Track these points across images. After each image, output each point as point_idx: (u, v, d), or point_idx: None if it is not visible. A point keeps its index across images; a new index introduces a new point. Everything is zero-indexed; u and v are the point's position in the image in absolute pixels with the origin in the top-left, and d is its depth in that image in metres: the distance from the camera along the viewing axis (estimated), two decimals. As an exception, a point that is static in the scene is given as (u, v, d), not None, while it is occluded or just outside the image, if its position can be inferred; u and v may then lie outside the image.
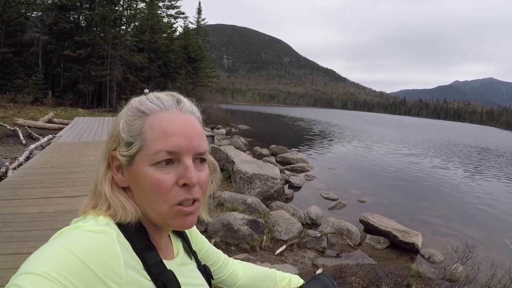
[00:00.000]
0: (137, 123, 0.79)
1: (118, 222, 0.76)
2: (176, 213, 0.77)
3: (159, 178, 0.75)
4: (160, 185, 0.75)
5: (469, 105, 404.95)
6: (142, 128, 0.78)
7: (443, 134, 55.76)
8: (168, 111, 0.79)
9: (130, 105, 0.83)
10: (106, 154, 0.83)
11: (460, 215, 10.09)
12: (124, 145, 0.79)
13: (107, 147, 0.83)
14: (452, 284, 5.01)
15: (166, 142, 0.75)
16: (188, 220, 0.80)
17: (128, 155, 0.78)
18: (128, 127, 0.79)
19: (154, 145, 0.76)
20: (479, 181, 15.66)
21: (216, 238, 6.00)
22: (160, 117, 0.78)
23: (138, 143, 0.77)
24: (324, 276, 1.12)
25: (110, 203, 0.78)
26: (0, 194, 5.49)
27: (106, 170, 0.82)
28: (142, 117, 0.79)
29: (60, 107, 28.30)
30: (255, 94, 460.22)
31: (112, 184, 0.81)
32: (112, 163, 0.82)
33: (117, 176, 0.81)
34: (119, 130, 0.80)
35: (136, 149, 0.77)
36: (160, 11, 43.19)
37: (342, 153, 20.85)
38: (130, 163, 0.78)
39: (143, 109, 0.80)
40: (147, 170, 0.76)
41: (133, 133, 0.78)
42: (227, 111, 41.31)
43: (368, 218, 7.81)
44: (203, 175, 0.82)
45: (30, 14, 33.88)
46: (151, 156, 0.75)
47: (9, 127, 14.93)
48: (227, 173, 10.16)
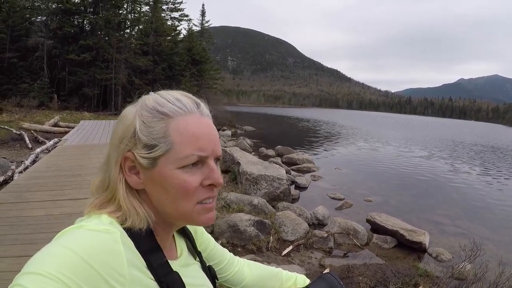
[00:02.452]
0: (159, 125, 0.77)
1: (128, 227, 0.75)
2: (200, 210, 0.79)
3: (186, 180, 0.76)
4: (187, 187, 0.76)
5: (474, 103, 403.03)
6: (167, 131, 0.76)
7: (450, 132, 55.50)
8: (191, 114, 0.79)
9: (145, 104, 0.80)
10: (119, 155, 0.79)
11: (467, 213, 10.03)
12: (143, 147, 0.77)
13: (121, 148, 0.79)
14: (460, 283, 4.97)
15: (196, 146, 0.76)
16: (212, 215, 0.82)
17: (151, 157, 0.76)
18: (148, 129, 0.77)
19: (183, 149, 0.76)
20: (486, 179, 15.57)
21: (222, 239, 5.99)
22: (185, 121, 0.78)
23: (163, 146, 0.76)
24: (331, 276, 1.11)
25: (122, 206, 0.77)
26: (7, 197, 5.52)
27: (118, 173, 0.80)
28: (165, 119, 0.77)
29: (66, 111, 28.41)
30: (260, 96, 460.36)
31: (126, 187, 0.79)
32: (124, 164, 0.80)
33: (131, 178, 0.79)
34: (136, 131, 0.78)
35: (162, 152, 0.76)
36: (164, 14, 43.22)
37: (348, 153, 20.82)
38: (153, 165, 0.77)
39: (165, 111, 0.78)
40: (173, 173, 0.76)
41: (155, 135, 0.76)
42: (232, 113, 41.40)
43: (375, 217, 7.78)
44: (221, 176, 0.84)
45: (35, 19, 34.12)
46: (181, 159, 0.76)
47: (15, 131, 15.02)
48: (233, 175, 10.16)
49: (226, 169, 10.69)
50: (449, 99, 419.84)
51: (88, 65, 32.54)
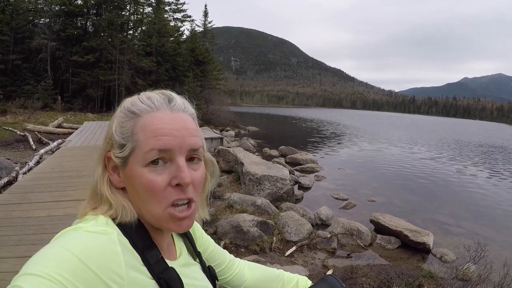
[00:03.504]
0: (128, 125, 0.79)
1: (119, 222, 0.76)
2: (170, 217, 0.77)
3: (151, 179, 0.75)
4: (153, 186, 0.75)
5: (478, 102, 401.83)
6: (134, 129, 0.78)
7: (455, 132, 55.34)
8: (158, 110, 0.79)
9: (123, 106, 0.83)
10: (101, 156, 0.83)
11: (471, 214, 9.98)
12: (117, 147, 0.79)
13: (102, 148, 0.83)
14: (465, 284, 4.95)
15: (157, 141, 0.75)
16: (184, 224, 0.79)
17: (121, 156, 0.78)
18: (120, 129, 0.79)
19: (145, 145, 0.75)
20: (491, 179, 15.49)
21: (225, 240, 6.00)
22: (151, 117, 0.78)
23: (130, 145, 0.77)
24: (332, 278, 1.11)
25: (111, 203, 0.78)
26: (10, 198, 5.53)
27: (103, 172, 0.82)
28: (134, 118, 0.79)
29: (70, 112, 28.56)
30: (263, 96, 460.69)
31: (110, 185, 0.81)
32: (108, 164, 0.82)
33: (114, 177, 0.81)
34: (112, 132, 0.80)
35: (129, 150, 0.77)
36: (166, 15, 43.33)
37: (351, 153, 20.76)
38: (124, 164, 0.78)
39: (134, 109, 0.80)
40: (140, 171, 0.75)
41: (125, 134, 0.78)
42: (236, 113, 41.42)
43: (379, 218, 7.75)
44: (197, 174, 0.81)
45: (38, 21, 34.32)
46: (143, 156, 0.75)
47: (19, 132, 15.10)
48: (236, 175, 10.16)
49: (230, 169, 10.69)
50: (453, 98, 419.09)
51: (91, 66, 32.65)
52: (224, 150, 11.48)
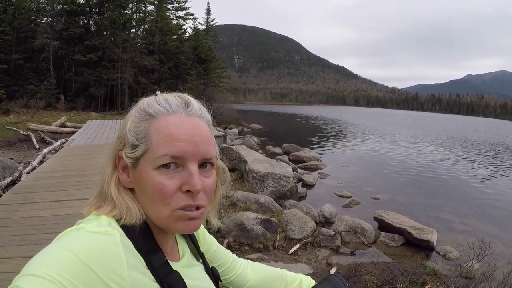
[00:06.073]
0: (143, 126, 0.78)
1: (123, 223, 0.75)
2: (178, 217, 0.76)
3: (162, 182, 0.74)
4: (163, 189, 0.74)
5: (482, 99, 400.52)
6: (148, 131, 0.77)
7: (459, 129, 55.19)
8: (175, 114, 0.78)
9: (138, 106, 0.82)
10: (112, 155, 0.82)
11: (475, 211, 9.95)
12: (130, 147, 0.78)
13: (114, 147, 0.83)
14: (469, 282, 4.93)
15: (171, 146, 0.74)
16: (191, 225, 0.78)
17: (133, 157, 0.77)
18: (135, 129, 0.79)
19: (158, 149, 0.75)
20: (495, 177, 15.44)
21: (229, 238, 6.00)
22: (166, 121, 0.77)
23: (143, 146, 0.76)
24: (336, 277, 1.10)
25: (116, 204, 0.77)
26: (13, 198, 5.56)
27: (112, 171, 0.82)
28: (149, 119, 0.78)
29: (73, 111, 28.62)
30: (266, 93, 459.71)
31: (118, 185, 0.81)
32: (118, 163, 0.82)
33: (123, 176, 0.81)
34: (126, 131, 0.80)
35: (141, 152, 0.76)
36: (169, 13, 43.39)
37: (355, 151, 20.73)
38: (135, 165, 0.78)
39: (150, 111, 0.79)
40: (150, 173, 0.75)
41: (139, 135, 0.78)
42: (239, 111, 41.47)
43: (382, 215, 7.74)
44: (209, 181, 0.80)
45: (40, 20, 34.42)
46: (155, 160, 0.74)
47: (22, 132, 15.15)
48: (239, 173, 10.15)
49: (233, 167, 10.68)
50: (457, 95, 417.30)
51: (94, 65, 32.73)
52: (227, 148, 11.47)
